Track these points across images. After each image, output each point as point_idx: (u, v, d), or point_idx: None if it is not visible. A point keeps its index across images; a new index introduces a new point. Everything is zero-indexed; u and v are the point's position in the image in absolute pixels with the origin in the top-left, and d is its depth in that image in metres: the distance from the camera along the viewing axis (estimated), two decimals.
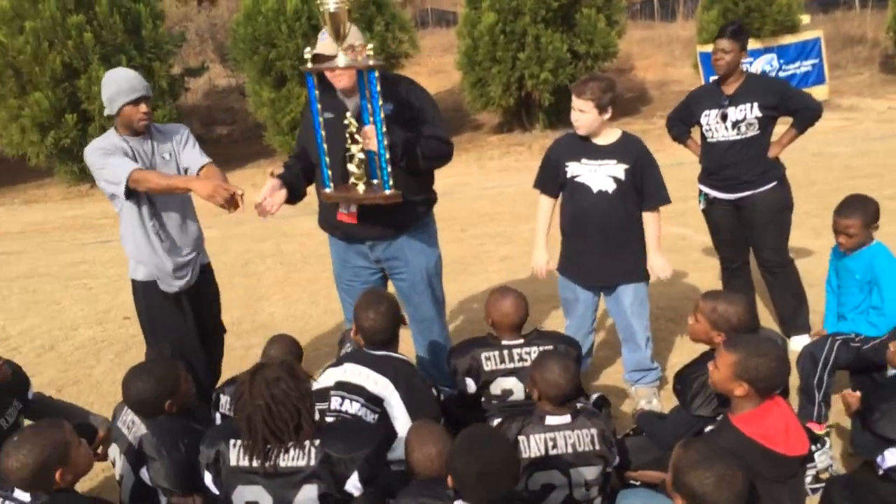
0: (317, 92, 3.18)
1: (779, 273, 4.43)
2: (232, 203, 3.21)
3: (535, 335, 3.33)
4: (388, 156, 3.13)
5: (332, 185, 3.36)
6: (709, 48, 13.61)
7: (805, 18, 14.25)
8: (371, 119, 3.13)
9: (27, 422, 3.08)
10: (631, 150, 3.61)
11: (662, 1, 24.10)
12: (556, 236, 3.94)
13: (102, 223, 9.94)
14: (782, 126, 4.35)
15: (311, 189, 3.62)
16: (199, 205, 3.58)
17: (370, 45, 3.17)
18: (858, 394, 2.99)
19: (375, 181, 3.32)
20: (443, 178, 3.80)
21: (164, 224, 3.47)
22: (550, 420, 2.67)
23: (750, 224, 4.31)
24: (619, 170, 3.58)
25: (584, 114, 3.56)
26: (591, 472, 2.66)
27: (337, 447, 2.29)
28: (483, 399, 3.27)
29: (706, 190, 4.45)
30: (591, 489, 2.68)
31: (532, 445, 2.63)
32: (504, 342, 3.26)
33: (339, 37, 3.05)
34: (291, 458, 2.30)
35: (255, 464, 2.30)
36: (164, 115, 12.06)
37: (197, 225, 3.65)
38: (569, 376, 2.67)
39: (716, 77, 4.31)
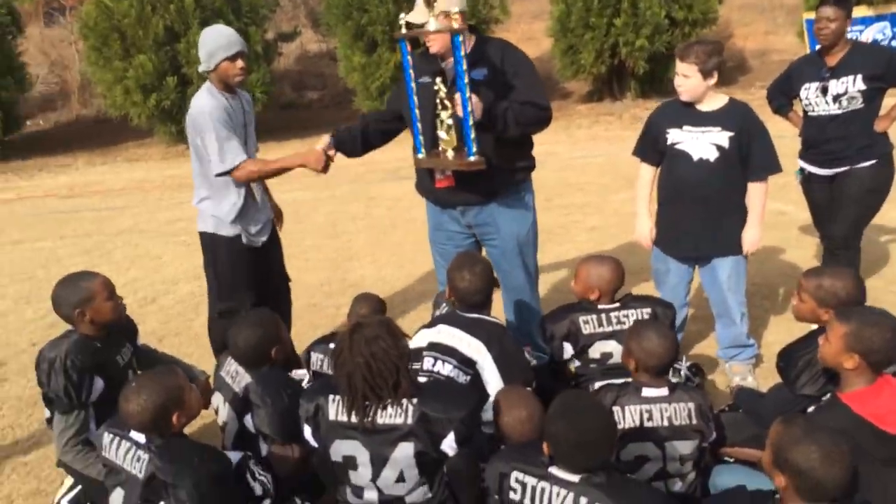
0: (409, 58, 3.20)
1: (839, 255, 4.16)
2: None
3: (630, 298, 3.29)
4: (472, 121, 3.10)
5: (424, 151, 3.38)
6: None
7: None
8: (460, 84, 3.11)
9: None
10: (737, 117, 3.46)
11: None
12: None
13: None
14: (893, 98, 4.09)
15: (398, 156, 3.67)
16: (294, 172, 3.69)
17: (457, 10, 3.10)
18: None
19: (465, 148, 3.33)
20: None
21: (252, 185, 3.62)
22: (647, 392, 2.62)
23: (838, 198, 4.10)
24: (722, 137, 3.44)
25: (687, 79, 3.43)
26: (686, 447, 2.61)
27: (434, 407, 2.30)
28: (580, 363, 3.24)
29: (803, 164, 4.26)
30: (685, 464, 2.63)
31: (627, 416, 2.59)
32: (600, 306, 3.23)
33: (429, 3, 3.07)
34: (389, 416, 2.32)
35: (353, 419, 2.34)
36: (258, 78, 12.32)
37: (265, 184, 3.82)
38: (667, 345, 2.60)
39: (819, 47, 4.08)
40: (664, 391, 2.63)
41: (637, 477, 2.59)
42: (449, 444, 2.32)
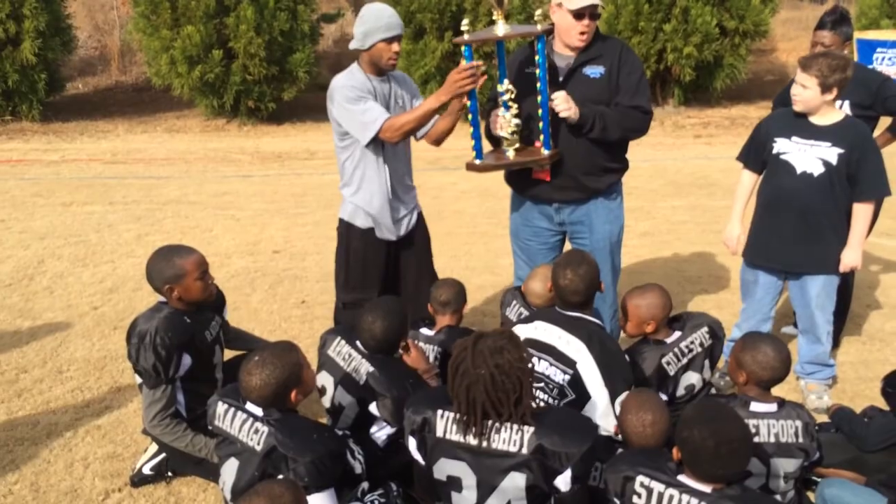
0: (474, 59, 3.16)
1: None
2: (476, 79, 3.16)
3: (684, 322, 3.23)
4: (550, 117, 3.16)
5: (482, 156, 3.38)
6: (868, 35, 12.89)
7: None
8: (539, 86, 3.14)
9: None
10: (850, 135, 3.41)
11: None
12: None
13: (241, 158, 10.28)
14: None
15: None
16: None
17: (538, 12, 3.20)
18: None
19: (535, 144, 3.35)
20: None
21: (391, 176, 3.52)
22: (755, 406, 2.59)
23: None
24: (831, 153, 3.39)
25: (805, 89, 3.38)
26: (790, 465, 2.58)
27: (553, 440, 2.19)
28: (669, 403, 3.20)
29: None
30: (787, 482, 2.61)
31: None
32: (667, 341, 3.16)
33: (500, 2, 3.07)
34: (504, 441, 2.22)
35: (465, 438, 2.24)
36: (303, 58, 12.29)
37: (412, 179, 3.70)
38: (782, 358, 2.58)
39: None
40: (773, 407, 2.60)
41: None
42: (564, 481, 2.22)
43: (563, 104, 3.20)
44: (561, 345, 2.82)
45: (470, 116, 3.32)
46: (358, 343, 2.88)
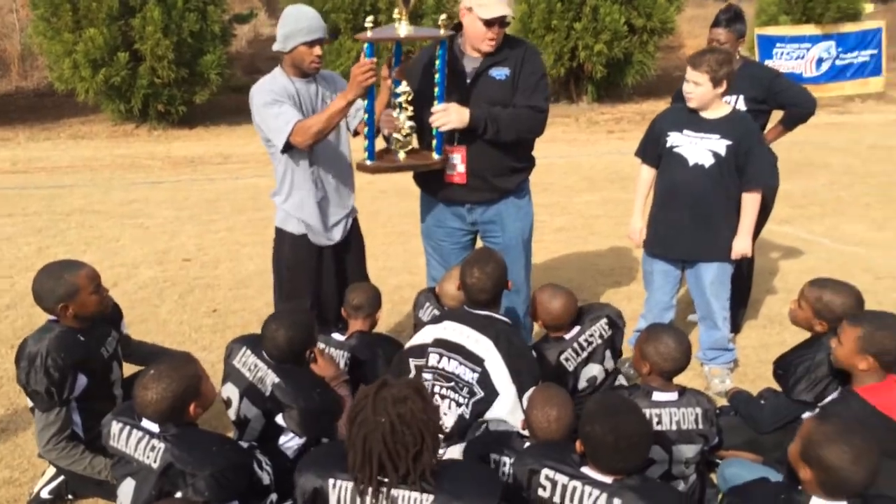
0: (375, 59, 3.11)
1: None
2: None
3: (583, 313, 3.30)
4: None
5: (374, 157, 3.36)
6: (768, 31, 13.40)
7: (869, 7, 13.88)
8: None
9: None
10: (737, 128, 3.55)
11: None
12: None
13: (150, 164, 9.97)
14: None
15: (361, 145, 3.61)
16: None
17: (443, 16, 3.20)
18: None
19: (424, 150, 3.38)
20: None
21: (322, 179, 3.45)
22: (657, 396, 2.67)
23: None
24: (721, 145, 3.52)
25: (698, 86, 3.50)
26: (691, 451, 2.66)
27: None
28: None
29: None
30: (689, 467, 2.69)
31: None
32: (566, 337, 3.23)
33: (406, 2, 3.08)
34: None
35: None
36: (214, 60, 12.00)
37: (352, 181, 3.62)
38: (683, 349, 2.66)
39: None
40: (674, 395, 2.67)
41: None
42: None
43: (440, 119, 3.23)
44: (469, 343, 2.84)
45: (366, 116, 3.29)
46: (264, 353, 2.82)
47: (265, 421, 2.76)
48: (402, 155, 3.35)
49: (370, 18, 3.17)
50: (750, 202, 3.62)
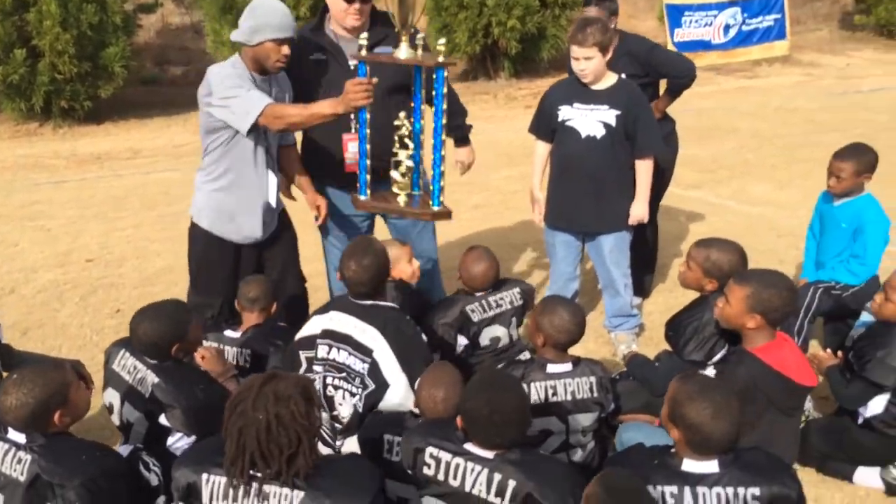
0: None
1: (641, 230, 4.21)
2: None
3: (502, 284, 3.43)
4: (443, 168, 2.98)
5: (367, 192, 3.23)
6: (676, 0, 13.61)
7: None
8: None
9: None
10: (625, 96, 3.58)
11: None
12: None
13: (54, 163, 9.57)
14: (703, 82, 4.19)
15: None
16: None
17: (441, 41, 3.01)
18: (829, 352, 3.09)
19: (416, 192, 3.24)
20: None
21: (252, 174, 3.33)
22: (552, 368, 2.68)
23: None
24: (610, 115, 3.55)
25: (590, 60, 3.49)
26: (588, 419, 2.69)
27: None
28: (472, 353, 3.28)
29: None
30: (586, 435, 2.72)
31: (532, 392, 2.65)
32: (478, 294, 3.34)
33: (405, 24, 2.89)
34: None
35: (232, 503, 1.98)
36: (117, 52, 11.54)
37: (278, 177, 3.49)
38: (577, 321, 2.68)
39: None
40: (568, 366, 2.70)
41: (542, 450, 2.66)
42: None
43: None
44: (357, 334, 2.78)
45: (358, 144, 3.14)
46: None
47: (149, 423, 2.67)
48: (402, 199, 3.19)
49: (364, 35, 3.01)
50: (643, 169, 3.66)
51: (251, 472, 1.96)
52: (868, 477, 2.96)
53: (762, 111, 10.16)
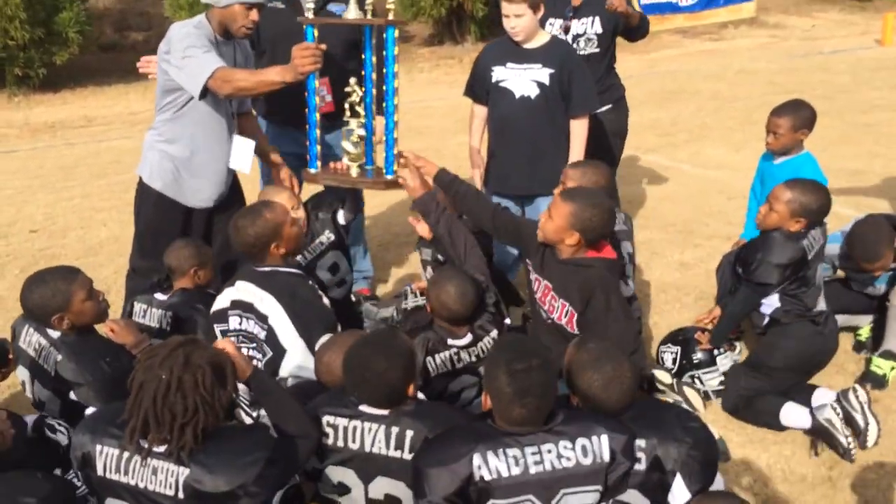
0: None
1: None
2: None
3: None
4: (396, 135, 2.89)
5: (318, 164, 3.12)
6: None
7: None
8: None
9: None
10: (558, 54, 3.52)
11: None
12: None
13: (6, 132, 9.36)
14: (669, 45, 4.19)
15: None
16: None
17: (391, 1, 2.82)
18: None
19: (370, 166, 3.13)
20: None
21: (209, 137, 3.26)
22: (452, 342, 2.70)
23: None
24: (543, 74, 3.49)
25: (520, 17, 3.44)
26: None
27: (203, 480, 1.91)
28: None
29: None
30: None
31: (439, 363, 2.68)
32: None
33: None
34: (160, 483, 1.93)
35: (126, 478, 1.96)
36: (72, 17, 11.25)
37: (236, 140, 3.38)
38: (464, 301, 2.65)
39: None
40: (468, 339, 2.70)
41: (460, 402, 2.71)
42: None
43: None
44: (257, 302, 2.70)
45: (307, 114, 3.03)
46: (49, 330, 2.61)
47: (60, 401, 2.61)
48: (354, 170, 3.08)
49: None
50: (578, 128, 3.61)
51: (140, 441, 1.93)
52: (796, 415, 3.02)
53: (724, 73, 10.14)
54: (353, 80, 3.02)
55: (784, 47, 11.95)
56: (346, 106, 3.06)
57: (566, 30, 3.99)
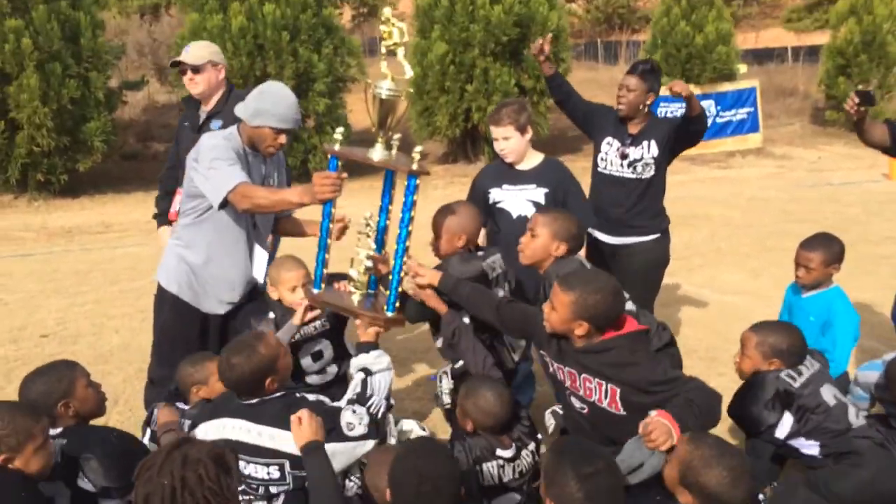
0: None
1: None
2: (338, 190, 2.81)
3: None
4: (401, 275, 2.86)
5: (322, 285, 3.07)
6: None
7: (742, 68, 14.74)
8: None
9: None
10: (552, 174, 3.62)
11: (606, 44, 24.70)
12: None
13: (24, 236, 9.44)
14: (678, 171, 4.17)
15: None
16: None
17: (418, 148, 2.81)
18: None
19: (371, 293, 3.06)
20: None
21: (224, 247, 3.30)
22: (500, 452, 2.64)
23: (623, 272, 3.98)
24: (538, 194, 3.58)
25: (508, 140, 3.57)
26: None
27: None
28: None
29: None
30: None
31: (486, 474, 2.62)
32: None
33: (383, 125, 2.78)
34: None
35: None
36: (98, 127, 11.60)
37: (266, 251, 3.47)
38: (504, 402, 2.64)
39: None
40: (512, 451, 2.64)
41: None
42: None
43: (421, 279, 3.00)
44: (258, 439, 2.55)
45: (320, 235, 3.01)
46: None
47: (70, 492, 2.46)
48: (356, 297, 3.00)
49: (340, 130, 2.95)
50: None
51: None
52: None
53: (735, 200, 10.27)
54: (368, 213, 3.01)
55: (792, 177, 12.17)
56: (357, 234, 3.02)
57: (623, 156, 4.00)
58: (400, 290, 2.89)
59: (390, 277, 2.85)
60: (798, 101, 17.58)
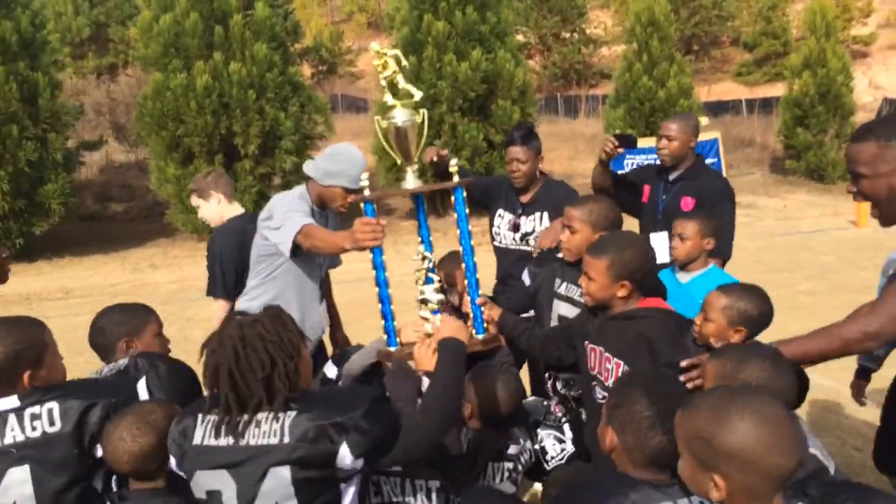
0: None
1: None
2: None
3: None
4: (480, 291, 2.68)
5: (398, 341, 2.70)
6: None
7: (704, 120, 14.96)
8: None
9: None
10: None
11: (565, 98, 25.17)
12: None
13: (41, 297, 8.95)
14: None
15: None
16: None
17: (454, 161, 2.71)
18: None
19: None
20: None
21: (294, 300, 3.34)
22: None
23: None
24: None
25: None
26: None
27: (317, 413, 1.83)
28: None
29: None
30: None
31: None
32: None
33: (408, 155, 2.61)
34: (263, 434, 1.82)
35: (220, 440, 1.84)
36: (56, 189, 11.26)
37: (320, 309, 3.57)
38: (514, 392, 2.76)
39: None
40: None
41: None
42: (344, 457, 1.82)
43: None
44: None
45: (377, 289, 2.69)
46: None
47: (80, 461, 2.13)
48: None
49: (365, 175, 2.71)
50: None
51: (238, 417, 1.84)
52: None
53: None
54: (420, 248, 2.77)
55: (762, 226, 12.30)
56: (421, 269, 2.76)
57: (515, 227, 3.77)
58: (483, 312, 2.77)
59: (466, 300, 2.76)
60: (756, 152, 18.00)
